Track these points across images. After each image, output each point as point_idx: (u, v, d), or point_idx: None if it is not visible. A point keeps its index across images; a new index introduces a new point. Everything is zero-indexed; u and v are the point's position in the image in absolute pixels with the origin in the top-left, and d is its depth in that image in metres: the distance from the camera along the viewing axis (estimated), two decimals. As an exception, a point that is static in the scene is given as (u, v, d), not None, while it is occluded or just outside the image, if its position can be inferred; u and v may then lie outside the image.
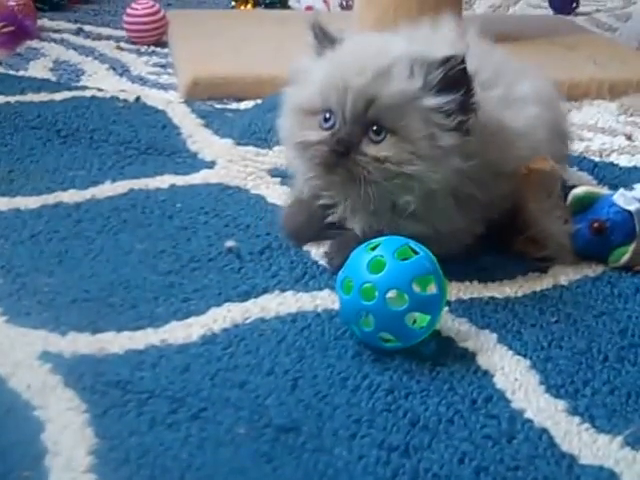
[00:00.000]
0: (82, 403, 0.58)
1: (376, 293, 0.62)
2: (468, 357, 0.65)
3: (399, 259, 0.63)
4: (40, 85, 1.19)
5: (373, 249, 0.64)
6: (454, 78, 0.71)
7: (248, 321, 0.68)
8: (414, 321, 0.64)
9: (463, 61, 0.70)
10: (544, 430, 0.57)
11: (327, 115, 0.73)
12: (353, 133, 0.71)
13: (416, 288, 0.63)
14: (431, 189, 0.71)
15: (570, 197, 0.79)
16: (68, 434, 0.56)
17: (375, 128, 0.71)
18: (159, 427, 0.57)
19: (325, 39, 0.76)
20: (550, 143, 0.81)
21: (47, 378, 0.61)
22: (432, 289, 0.63)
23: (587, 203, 0.78)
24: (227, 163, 0.95)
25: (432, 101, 0.71)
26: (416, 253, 0.64)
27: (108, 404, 0.58)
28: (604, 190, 0.82)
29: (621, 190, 0.78)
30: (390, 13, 1.19)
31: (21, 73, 1.25)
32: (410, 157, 0.70)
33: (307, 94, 0.75)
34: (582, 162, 0.98)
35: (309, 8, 1.64)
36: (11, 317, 0.68)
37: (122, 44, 1.43)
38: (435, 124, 0.71)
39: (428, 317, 0.63)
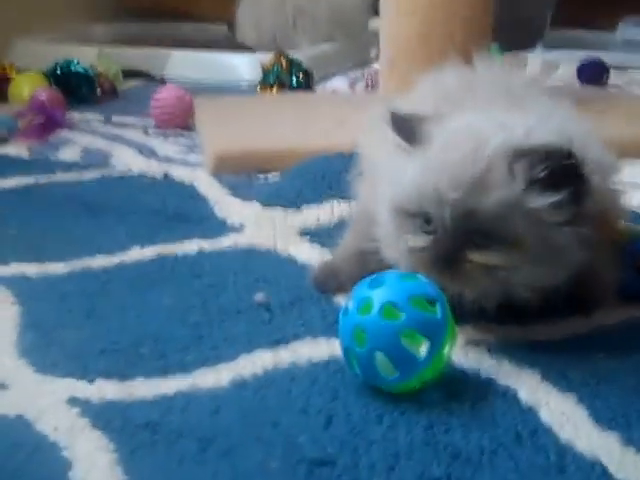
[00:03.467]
0: (110, 443, 0.60)
1: (372, 307, 0.64)
2: (510, 394, 0.65)
3: (401, 279, 0.65)
4: (69, 167, 1.26)
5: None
6: (561, 174, 0.67)
7: (279, 366, 0.70)
8: (412, 343, 0.63)
9: (570, 155, 0.67)
10: (596, 461, 0.57)
11: (427, 219, 0.71)
12: (457, 240, 0.69)
13: (414, 306, 0.63)
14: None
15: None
16: (96, 472, 0.57)
17: (480, 236, 0.69)
18: (188, 464, 0.58)
19: (409, 133, 0.74)
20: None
21: (75, 421, 0.63)
22: (434, 312, 0.64)
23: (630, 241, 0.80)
24: (255, 226, 1.00)
25: (538, 201, 0.68)
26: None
27: (136, 444, 0.60)
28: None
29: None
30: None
31: (51, 158, 1.33)
32: (523, 263, 0.69)
33: (405, 196, 0.73)
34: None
35: (334, 92, 1.73)
36: (38, 368, 0.71)
37: (149, 130, 1.52)
38: (545, 224, 0.68)
39: (428, 342, 0.63)
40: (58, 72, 1.73)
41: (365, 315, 0.64)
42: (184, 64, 1.94)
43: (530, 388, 0.66)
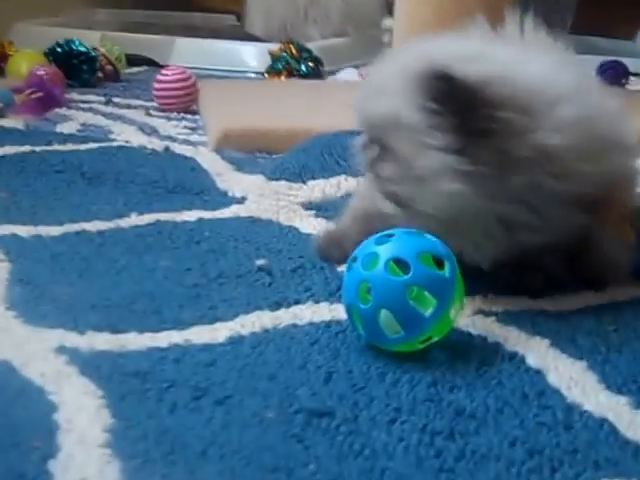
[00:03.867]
0: (98, 389, 0.59)
1: (378, 262, 0.63)
2: (518, 358, 0.64)
3: (409, 236, 0.64)
4: (66, 138, 1.26)
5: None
6: (439, 96, 0.69)
7: (279, 327, 0.69)
8: (418, 301, 0.63)
9: (444, 77, 0.68)
10: (604, 420, 0.56)
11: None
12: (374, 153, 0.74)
13: (422, 262, 0.63)
14: (433, 215, 0.70)
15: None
16: (83, 414, 0.56)
17: (380, 148, 0.73)
18: (180, 411, 0.56)
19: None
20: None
21: (62, 368, 0.61)
22: (442, 270, 0.63)
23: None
24: (258, 198, 0.99)
25: (414, 118, 0.70)
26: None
27: (126, 391, 0.59)
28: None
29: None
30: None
31: (48, 131, 1.33)
32: (403, 179, 0.71)
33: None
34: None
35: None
36: (27, 319, 0.69)
37: (152, 111, 1.51)
38: (422, 144, 0.70)
39: (435, 301, 0.62)
40: (59, 51, 1.72)
41: (370, 270, 0.63)
42: (189, 52, 1.94)
43: (538, 353, 0.65)
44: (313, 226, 0.92)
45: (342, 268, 0.80)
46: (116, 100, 1.61)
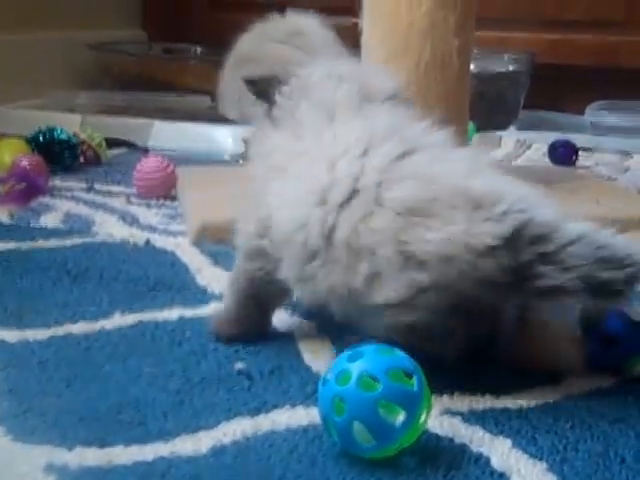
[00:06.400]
0: (89, 510, 0.61)
1: (350, 378, 0.66)
2: (483, 460, 0.67)
3: (379, 353, 0.68)
4: (51, 233, 1.28)
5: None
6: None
7: (259, 434, 0.71)
8: (389, 414, 0.65)
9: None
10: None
11: None
12: None
13: (391, 378, 0.66)
14: None
15: (578, 312, 0.84)
16: (75, 538, 0.57)
17: None
18: (168, 530, 0.58)
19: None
20: None
21: (52, 489, 0.63)
22: (410, 384, 0.66)
23: (596, 317, 0.83)
24: (236, 295, 1.02)
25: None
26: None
27: (115, 511, 0.61)
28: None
29: (629, 302, 0.83)
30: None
31: (32, 224, 1.35)
32: None
33: None
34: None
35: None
36: (16, 436, 0.71)
37: (132, 199, 1.54)
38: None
39: (404, 412, 0.65)
40: (41, 139, 1.75)
41: (344, 386, 0.66)
42: (167, 134, 1.99)
43: (502, 455, 0.68)
44: (288, 324, 0.95)
45: (317, 368, 0.84)
46: (97, 187, 1.64)
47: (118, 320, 0.95)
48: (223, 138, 1.93)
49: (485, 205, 0.73)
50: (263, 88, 0.89)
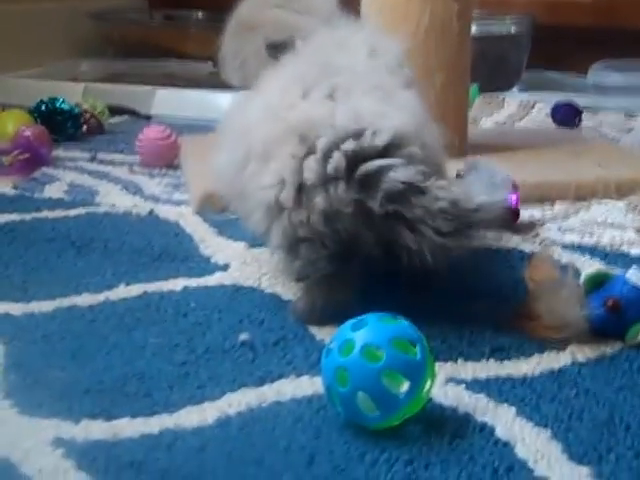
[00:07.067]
0: (95, 483, 0.61)
1: (354, 349, 0.65)
2: (487, 430, 0.67)
3: (382, 322, 0.67)
4: (55, 204, 1.27)
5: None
6: None
7: (264, 404, 0.71)
8: (393, 383, 0.65)
9: None
10: (569, 495, 0.59)
11: None
12: None
13: (395, 347, 0.65)
14: None
15: (582, 277, 0.83)
16: (82, 511, 0.58)
17: None
18: (174, 503, 0.58)
19: None
20: None
21: (59, 462, 0.63)
22: (414, 353, 0.66)
23: (600, 282, 0.82)
24: (241, 265, 1.01)
25: None
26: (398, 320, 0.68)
27: (122, 483, 0.61)
28: (616, 270, 0.86)
29: (633, 268, 0.82)
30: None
31: (36, 195, 1.34)
32: None
33: None
34: (594, 252, 1.03)
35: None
36: (22, 409, 0.71)
37: (135, 168, 1.53)
38: None
39: (408, 382, 0.65)
40: (43, 109, 1.74)
41: (347, 356, 0.66)
42: (169, 102, 1.96)
43: (506, 424, 0.67)
44: (294, 292, 0.94)
45: (321, 337, 0.83)
46: (101, 156, 1.63)
47: (123, 291, 0.95)
48: (225, 105, 1.91)
49: (309, 139, 0.79)
50: (282, 52, 0.89)
